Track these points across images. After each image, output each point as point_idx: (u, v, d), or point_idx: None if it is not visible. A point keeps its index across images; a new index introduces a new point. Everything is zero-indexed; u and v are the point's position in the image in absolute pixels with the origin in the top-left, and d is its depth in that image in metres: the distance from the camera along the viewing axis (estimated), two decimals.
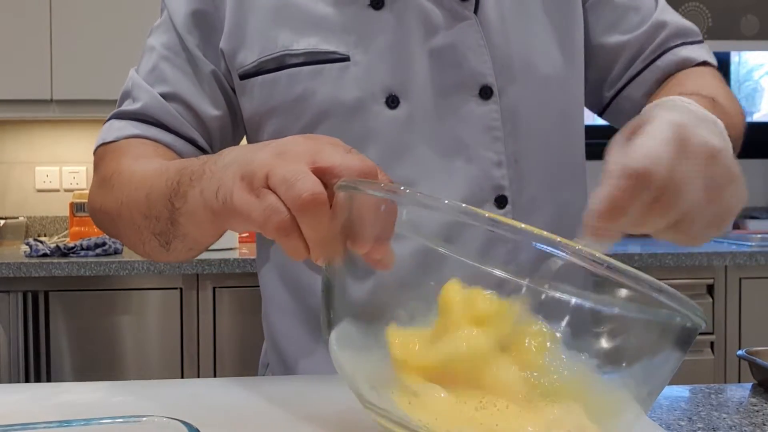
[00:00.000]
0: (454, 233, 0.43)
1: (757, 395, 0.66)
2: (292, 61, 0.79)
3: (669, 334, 0.43)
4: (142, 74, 0.85)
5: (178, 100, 0.83)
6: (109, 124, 0.86)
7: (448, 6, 0.78)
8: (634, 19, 0.87)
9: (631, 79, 0.88)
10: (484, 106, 0.79)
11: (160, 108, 0.82)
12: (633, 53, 0.87)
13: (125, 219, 0.72)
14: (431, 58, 0.79)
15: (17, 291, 2.13)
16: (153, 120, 0.83)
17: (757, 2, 2.93)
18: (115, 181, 0.76)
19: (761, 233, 2.53)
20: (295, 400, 0.61)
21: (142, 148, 0.80)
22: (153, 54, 0.85)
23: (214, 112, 0.84)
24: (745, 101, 3.19)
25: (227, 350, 2.19)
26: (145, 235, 0.69)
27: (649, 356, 0.44)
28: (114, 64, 2.42)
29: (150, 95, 0.83)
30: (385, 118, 0.78)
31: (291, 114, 0.80)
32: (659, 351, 0.44)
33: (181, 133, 0.83)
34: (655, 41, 0.86)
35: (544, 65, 0.82)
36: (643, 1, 0.88)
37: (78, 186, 2.81)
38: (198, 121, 0.84)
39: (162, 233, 0.66)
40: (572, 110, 0.86)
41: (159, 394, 0.64)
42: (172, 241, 0.65)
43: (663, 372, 0.44)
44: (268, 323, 0.92)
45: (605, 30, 0.87)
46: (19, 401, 0.62)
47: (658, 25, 0.87)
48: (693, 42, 0.88)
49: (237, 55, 0.81)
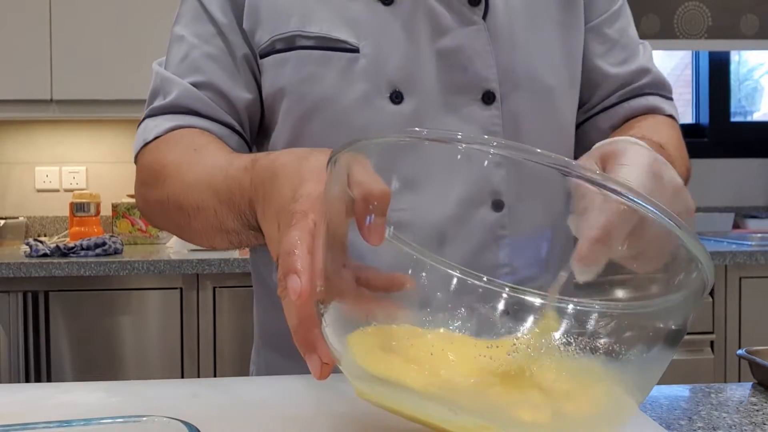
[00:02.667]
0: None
1: (757, 394, 0.66)
2: (303, 43, 0.79)
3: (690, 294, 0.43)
4: (172, 65, 0.84)
5: (210, 89, 0.82)
6: (144, 125, 0.84)
7: (458, 9, 0.79)
8: (620, 56, 0.90)
9: (603, 110, 0.91)
10: (486, 110, 0.80)
11: (192, 97, 0.82)
12: (614, 87, 0.91)
13: (193, 218, 0.72)
14: (438, 58, 0.80)
15: (17, 291, 2.13)
16: (186, 109, 0.82)
17: (757, 2, 2.93)
18: (168, 175, 0.76)
19: (761, 233, 2.54)
20: (295, 399, 0.61)
21: (185, 139, 0.80)
22: (183, 44, 0.84)
23: (248, 96, 0.84)
24: (745, 101, 3.19)
25: (227, 350, 2.19)
26: (212, 234, 0.70)
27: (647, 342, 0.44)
28: (114, 64, 2.42)
29: (181, 87, 0.82)
30: (388, 113, 0.79)
31: (296, 95, 0.80)
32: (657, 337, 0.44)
33: (215, 119, 0.82)
34: (635, 83, 0.90)
35: (548, 76, 0.83)
36: (631, 41, 0.92)
37: (78, 186, 2.81)
38: (231, 107, 0.83)
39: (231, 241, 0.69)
40: (569, 121, 0.88)
41: (159, 394, 0.64)
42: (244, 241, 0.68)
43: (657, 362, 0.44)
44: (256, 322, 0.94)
45: (597, 56, 0.90)
46: (19, 401, 0.62)
47: (643, 70, 0.91)
48: (666, 97, 0.92)
49: (255, 34, 0.82)
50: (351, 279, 0.47)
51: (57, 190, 2.83)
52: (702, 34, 2.92)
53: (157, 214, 0.80)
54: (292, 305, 0.48)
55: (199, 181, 0.70)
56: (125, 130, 2.81)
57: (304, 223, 0.49)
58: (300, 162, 0.56)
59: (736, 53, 3.13)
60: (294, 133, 0.81)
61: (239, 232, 0.65)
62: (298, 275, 0.46)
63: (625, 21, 0.92)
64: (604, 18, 0.89)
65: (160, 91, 0.84)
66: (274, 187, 0.57)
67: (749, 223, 2.77)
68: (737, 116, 3.12)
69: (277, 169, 0.58)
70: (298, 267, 0.47)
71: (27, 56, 2.43)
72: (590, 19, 0.89)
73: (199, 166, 0.72)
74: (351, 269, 0.47)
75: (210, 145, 0.77)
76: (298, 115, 0.80)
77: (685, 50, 3.07)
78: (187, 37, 0.84)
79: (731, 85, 3.08)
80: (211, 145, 0.77)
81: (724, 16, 2.92)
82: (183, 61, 0.83)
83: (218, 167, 0.68)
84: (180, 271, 2.13)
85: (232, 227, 0.65)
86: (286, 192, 0.55)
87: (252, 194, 0.61)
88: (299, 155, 0.57)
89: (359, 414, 0.56)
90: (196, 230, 0.73)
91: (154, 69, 0.86)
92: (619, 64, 0.90)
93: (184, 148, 0.77)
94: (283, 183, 0.56)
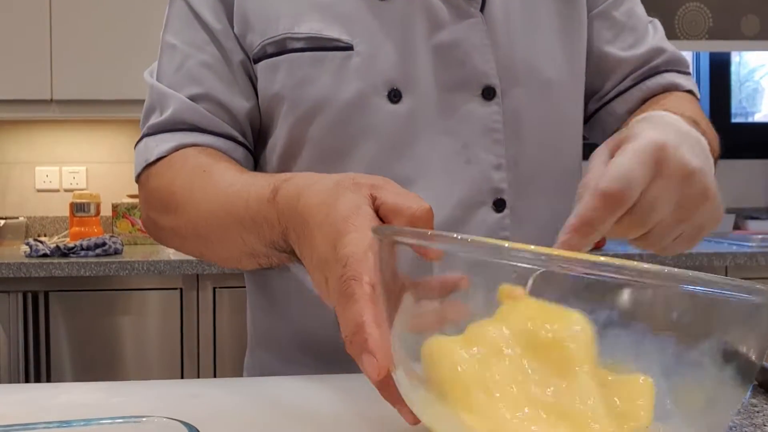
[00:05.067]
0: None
1: (757, 396, 0.66)
2: (294, 45, 0.77)
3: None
4: (166, 77, 0.81)
5: (208, 100, 0.79)
6: (144, 144, 0.81)
7: (454, 2, 0.77)
8: (630, 38, 0.88)
9: (618, 95, 0.89)
10: (486, 107, 0.78)
11: (191, 111, 0.79)
12: (627, 71, 0.88)
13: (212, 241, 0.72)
14: (435, 53, 0.77)
15: (17, 291, 2.13)
16: (186, 125, 0.79)
17: (757, 2, 2.93)
18: (180, 203, 0.74)
19: (762, 234, 2.54)
20: (295, 399, 0.61)
21: (191, 161, 0.77)
22: (175, 53, 0.81)
23: (247, 104, 0.81)
24: (745, 101, 3.19)
25: (227, 350, 2.19)
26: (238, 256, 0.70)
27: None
28: (114, 65, 2.42)
29: (178, 101, 0.79)
30: (386, 112, 0.77)
31: (291, 99, 0.78)
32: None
33: (217, 132, 0.80)
34: (649, 64, 0.88)
35: (548, 69, 0.81)
36: (640, 22, 0.90)
37: (78, 186, 2.81)
38: (231, 117, 0.80)
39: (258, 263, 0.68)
40: (573, 115, 0.86)
41: (159, 394, 0.63)
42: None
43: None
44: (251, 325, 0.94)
45: (606, 42, 0.88)
46: (18, 401, 0.62)
47: (657, 50, 0.89)
48: (683, 72, 0.90)
49: (246, 38, 0.80)
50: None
51: (57, 190, 2.83)
52: (703, 35, 2.93)
53: (170, 239, 0.79)
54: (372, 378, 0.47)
55: (216, 209, 0.69)
56: (125, 130, 2.81)
57: (361, 291, 0.48)
58: (328, 209, 0.54)
59: (737, 54, 3.13)
60: (292, 137, 0.79)
61: (269, 255, 0.64)
62: (373, 354, 0.46)
63: (632, 1, 0.90)
64: (610, 1, 0.87)
65: (156, 106, 0.81)
66: (307, 234, 0.56)
67: (750, 225, 2.77)
68: (738, 117, 3.12)
69: (303, 212, 0.56)
70: (370, 346, 0.46)
71: (27, 56, 2.43)
72: (596, 5, 0.87)
73: (212, 191, 0.70)
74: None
75: (218, 164, 0.74)
76: (295, 119, 0.78)
77: (686, 51, 3.07)
78: (180, 46, 0.81)
79: (732, 86, 3.08)
80: (219, 165, 0.74)
81: (724, 17, 2.92)
82: (177, 72, 0.80)
83: (234, 194, 0.67)
84: (180, 272, 2.13)
85: (263, 252, 0.65)
86: (322, 243, 0.53)
87: (283, 230, 0.60)
88: (323, 198, 0.55)
89: (361, 414, 0.56)
90: (220, 256, 0.73)
91: (148, 81, 0.83)
92: (630, 48, 0.88)
93: (191, 170, 0.75)
94: (318, 233, 0.54)
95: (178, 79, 0.80)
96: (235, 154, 0.80)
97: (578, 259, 0.38)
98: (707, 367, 0.40)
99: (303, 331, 0.84)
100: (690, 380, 0.40)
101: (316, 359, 0.81)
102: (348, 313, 0.48)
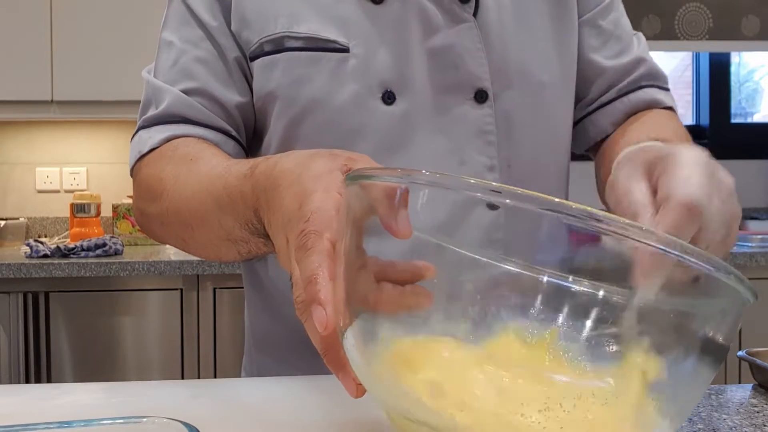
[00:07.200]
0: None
1: (757, 396, 0.66)
2: (292, 44, 0.78)
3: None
4: (161, 72, 0.83)
5: (203, 95, 0.80)
6: (138, 138, 0.82)
7: (448, 7, 0.79)
8: (615, 48, 0.89)
9: (601, 106, 0.90)
10: (478, 109, 0.79)
11: (184, 104, 0.80)
12: (610, 81, 0.89)
13: (195, 230, 0.71)
14: (429, 57, 0.79)
15: (17, 292, 2.13)
16: (179, 118, 0.80)
17: (757, 2, 2.93)
18: (166, 189, 0.74)
19: (761, 234, 2.53)
20: (295, 400, 0.61)
21: (180, 150, 0.78)
22: (172, 49, 0.82)
23: (241, 100, 0.82)
24: (745, 102, 3.19)
25: (227, 350, 2.19)
26: (219, 246, 0.69)
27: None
28: (114, 65, 2.43)
29: (172, 94, 0.80)
30: (380, 113, 0.78)
31: (287, 97, 0.79)
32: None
33: (209, 125, 0.80)
34: (631, 75, 0.89)
35: (540, 72, 0.82)
36: (625, 32, 0.91)
37: (78, 187, 2.81)
38: (224, 112, 0.81)
39: (239, 251, 0.67)
40: (564, 117, 0.87)
41: (159, 395, 0.64)
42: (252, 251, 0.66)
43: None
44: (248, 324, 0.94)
45: (592, 50, 0.89)
46: (19, 402, 0.62)
47: (638, 61, 0.90)
48: (662, 88, 0.91)
49: (242, 36, 0.80)
50: (372, 280, 0.46)
51: (57, 191, 2.83)
52: (703, 35, 2.93)
53: (156, 227, 0.79)
54: (317, 332, 0.46)
55: (198, 191, 0.69)
56: (126, 131, 2.81)
57: (320, 245, 0.47)
58: (301, 170, 0.54)
59: (737, 54, 3.13)
60: (286, 136, 0.80)
61: (247, 240, 0.63)
62: (323, 306, 0.45)
63: (619, 12, 0.91)
64: (597, 10, 0.89)
65: (152, 100, 0.82)
66: (277, 197, 0.55)
67: (749, 225, 2.77)
68: (738, 118, 3.12)
69: (277, 177, 0.56)
70: (321, 297, 0.45)
71: (28, 57, 2.43)
72: (583, 12, 0.88)
73: (196, 175, 0.70)
74: (370, 269, 0.46)
75: (206, 152, 0.75)
76: (290, 118, 0.79)
77: (686, 51, 3.07)
78: (176, 43, 0.82)
79: (732, 87, 3.08)
80: (206, 152, 0.75)
81: (725, 17, 2.92)
82: (173, 68, 0.81)
83: (216, 175, 0.66)
84: (180, 272, 2.13)
85: (240, 236, 0.63)
86: (290, 203, 0.53)
87: (255, 203, 0.59)
88: (299, 161, 0.55)
89: (360, 415, 0.56)
90: (200, 242, 0.72)
91: (144, 78, 0.84)
92: (615, 57, 0.89)
93: (180, 158, 0.76)
94: (286, 193, 0.54)
95: (174, 74, 0.81)
96: (226, 147, 0.80)
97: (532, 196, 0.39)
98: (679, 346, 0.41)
99: (299, 331, 0.84)
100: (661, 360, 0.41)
101: (313, 360, 0.81)
102: (304, 263, 0.47)
